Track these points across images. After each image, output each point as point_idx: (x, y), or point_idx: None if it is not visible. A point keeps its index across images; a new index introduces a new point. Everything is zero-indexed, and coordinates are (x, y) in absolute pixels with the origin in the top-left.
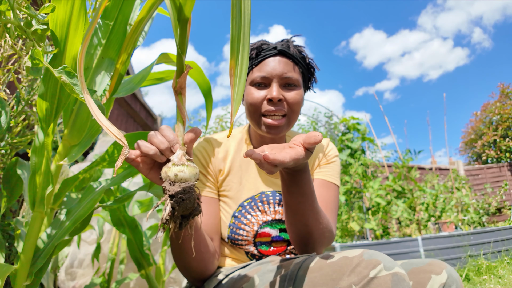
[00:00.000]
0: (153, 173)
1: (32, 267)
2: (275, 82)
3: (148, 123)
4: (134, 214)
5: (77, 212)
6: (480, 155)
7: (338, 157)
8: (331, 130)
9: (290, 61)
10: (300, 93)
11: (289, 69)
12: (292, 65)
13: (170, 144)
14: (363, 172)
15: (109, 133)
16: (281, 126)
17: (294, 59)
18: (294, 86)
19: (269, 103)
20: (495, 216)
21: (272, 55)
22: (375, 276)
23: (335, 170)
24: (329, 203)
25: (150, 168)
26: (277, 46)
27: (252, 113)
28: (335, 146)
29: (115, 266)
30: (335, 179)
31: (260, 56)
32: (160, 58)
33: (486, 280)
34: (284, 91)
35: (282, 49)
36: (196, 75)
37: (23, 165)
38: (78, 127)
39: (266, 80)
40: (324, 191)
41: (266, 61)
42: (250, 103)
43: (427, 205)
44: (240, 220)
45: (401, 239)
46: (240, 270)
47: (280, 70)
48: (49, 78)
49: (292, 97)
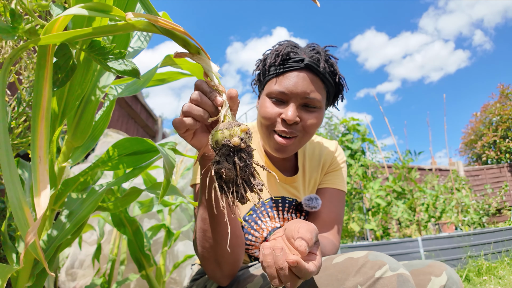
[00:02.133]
0: (198, 137)
1: (33, 268)
2: (294, 102)
3: (149, 124)
4: (134, 214)
5: (79, 213)
6: (480, 156)
7: (345, 162)
8: (331, 131)
9: (317, 79)
10: (319, 116)
11: (312, 89)
12: (317, 84)
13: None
14: (363, 173)
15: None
16: (289, 146)
17: (322, 76)
18: (313, 108)
19: (283, 123)
20: (495, 216)
21: (298, 69)
22: (380, 276)
23: (343, 176)
24: (337, 216)
25: (194, 133)
26: (305, 59)
27: (264, 126)
28: (342, 151)
29: (115, 266)
30: (343, 185)
31: (284, 67)
32: (165, 60)
33: (486, 280)
34: (302, 112)
35: (311, 64)
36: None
37: (24, 165)
38: (81, 128)
39: (285, 96)
40: (333, 202)
41: (289, 75)
42: (263, 116)
43: (427, 205)
44: (250, 224)
45: (401, 240)
46: (244, 270)
47: (302, 89)
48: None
49: (309, 121)
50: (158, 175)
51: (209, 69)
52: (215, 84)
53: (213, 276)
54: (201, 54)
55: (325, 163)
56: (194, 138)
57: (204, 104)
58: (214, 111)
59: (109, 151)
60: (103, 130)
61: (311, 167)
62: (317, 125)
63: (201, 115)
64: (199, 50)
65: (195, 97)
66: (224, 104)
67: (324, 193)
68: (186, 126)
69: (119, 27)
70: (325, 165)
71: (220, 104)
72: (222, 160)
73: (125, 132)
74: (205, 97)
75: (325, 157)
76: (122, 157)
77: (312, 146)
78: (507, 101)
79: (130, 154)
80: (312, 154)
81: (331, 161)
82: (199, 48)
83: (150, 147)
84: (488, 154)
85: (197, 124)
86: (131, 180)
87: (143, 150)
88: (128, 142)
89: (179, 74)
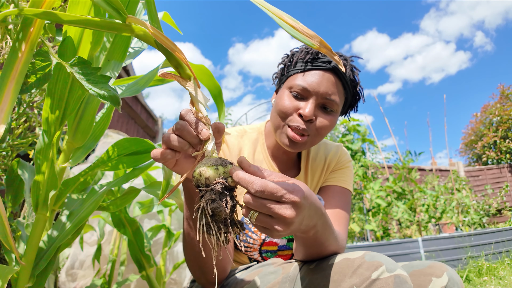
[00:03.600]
0: (181, 165)
1: (34, 269)
2: (314, 100)
3: (149, 125)
4: (135, 215)
5: (79, 213)
6: (480, 156)
7: (351, 162)
8: (332, 132)
9: (339, 83)
10: (333, 120)
11: (334, 91)
12: (339, 88)
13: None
14: (363, 173)
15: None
16: (302, 144)
17: (345, 82)
18: (331, 111)
19: (299, 118)
20: (496, 217)
21: (324, 69)
22: (377, 278)
23: (348, 175)
24: (342, 215)
25: (176, 162)
26: (332, 61)
27: (279, 119)
28: (348, 152)
29: (115, 267)
30: (349, 184)
31: (312, 64)
32: (167, 61)
33: (486, 281)
34: (319, 112)
35: (338, 67)
36: (207, 80)
37: (24, 166)
38: (82, 129)
39: (306, 93)
40: (338, 200)
41: (314, 73)
42: (280, 109)
43: (427, 206)
44: (247, 226)
45: (401, 240)
46: (241, 272)
47: (325, 89)
48: (56, 81)
49: (323, 122)
50: (158, 175)
51: (198, 99)
52: (203, 116)
53: (199, 281)
54: (192, 81)
55: (331, 162)
56: (176, 166)
57: (188, 136)
58: (197, 143)
59: (108, 151)
60: (104, 130)
61: (314, 168)
62: (330, 128)
63: (183, 147)
64: (191, 76)
65: (179, 127)
66: (211, 138)
67: (327, 190)
68: (166, 159)
69: (115, 26)
70: (330, 165)
71: (207, 138)
72: (217, 199)
73: (125, 133)
74: (190, 128)
75: (331, 157)
76: (121, 157)
77: (317, 146)
78: (507, 101)
79: (129, 154)
80: (316, 155)
81: (337, 160)
82: (192, 75)
83: (150, 147)
84: (488, 155)
85: (178, 155)
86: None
87: (143, 150)
88: (127, 142)
89: None
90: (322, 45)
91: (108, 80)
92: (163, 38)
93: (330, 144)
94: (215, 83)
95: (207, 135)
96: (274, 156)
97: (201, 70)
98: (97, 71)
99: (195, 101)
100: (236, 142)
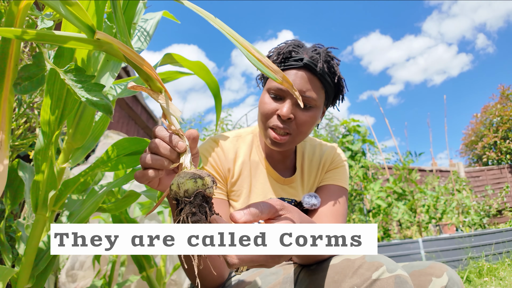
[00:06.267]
0: (164, 183)
1: (34, 269)
2: (290, 99)
3: (149, 126)
4: (135, 216)
5: (79, 214)
6: (480, 157)
7: (346, 162)
8: (332, 132)
9: (314, 78)
10: (313, 115)
11: (309, 87)
12: (315, 83)
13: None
14: (363, 174)
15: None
16: (284, 143)
17: (320, 76)
18: (310, 107)
19: (278, 119)
20: (496, 218)
21: (296, 68)
22: (377, 278)
23: (343, 173)
24: (339, 212)
25: (159, 181)
26: (304, 58)
27: (261, 122)
28: (342, 152)
29: (116, 268)
30: (344, 182)
31: (284, 64)
32: (164, 59)
33: (487, 282)
34: (297, 110)
35: (309, 63)
36: (204, 75)
37: (24, 167)
38: (81, 129)
39: (282, 93)
40: (334, 199)
41: (287, 73)
42: (261, 112)
43: (428, 207)
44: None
45: (402, 241)
46: (242, 273)
47: (299, 87)
48: (54, 82)
49: (302, 119)
50: None
51: (171, 111)
52: (176, 129)
53: (195, 285)
54: (163, 94)
55: (326, 162)
56: (160, 185)
57: (164, 152)
58: (176, 157)
59: (108, 151)
60: (103, 131)
61: (310, 167)
62: (310, 124)
63: (163, 164)
64: (162, 89)
65: (154, 146)
66: (187, 150)
67: (324, 189)
68: (149, 179)
69: (83, 40)
70: (325, 164)
71: (184, 150)
72: (197, 211)
73: (125, 134)
74: (165, 144)
75: (326, 156)
76: (121, 157)
77: (313, 147)
78: (507, 102)
79: (129, 154)
80: (312, 155)
81: (332, 160)
82: (162, 88)
83: None
84: (488, 155)
85: (160, 173)
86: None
87: (143, 150)
88: (127, 142)
89: (178, 73)
90: (284, 80)
91: (101, 89)
92: (131, 52)
93: (325, 145)
94: (212, 78)
95: (183, 147)
96: (269, 156)
97: (198, 66)
98: (91, 79)
99: (167, 114)
100: (231, 146)
